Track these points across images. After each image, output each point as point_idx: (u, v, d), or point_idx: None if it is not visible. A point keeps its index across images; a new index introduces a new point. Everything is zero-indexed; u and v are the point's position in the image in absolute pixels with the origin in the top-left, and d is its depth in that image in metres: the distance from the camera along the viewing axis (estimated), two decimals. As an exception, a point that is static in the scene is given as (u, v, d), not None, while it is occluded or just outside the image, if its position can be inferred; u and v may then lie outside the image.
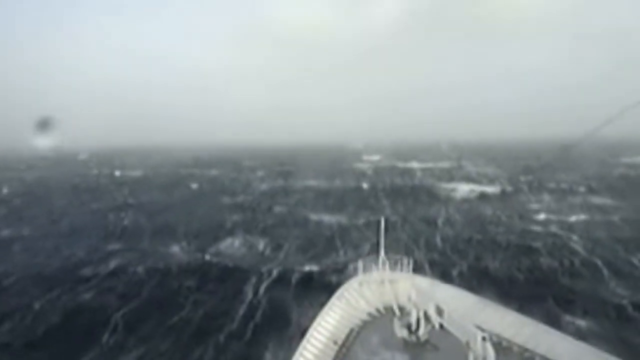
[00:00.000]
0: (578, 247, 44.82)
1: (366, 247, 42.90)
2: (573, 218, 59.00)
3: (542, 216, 60.79)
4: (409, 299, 14.50)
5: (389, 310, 15.74)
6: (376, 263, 17.13)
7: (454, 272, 37.50)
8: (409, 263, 17.12)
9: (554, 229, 53.42)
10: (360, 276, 17.03)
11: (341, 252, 43.80)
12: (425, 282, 16.45)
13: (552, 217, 60.21)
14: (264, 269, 38.02)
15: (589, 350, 12.64)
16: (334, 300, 15.85)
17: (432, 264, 38.97)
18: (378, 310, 15.84)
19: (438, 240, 48.40)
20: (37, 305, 31.80)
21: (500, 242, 46.56)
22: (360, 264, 17.21)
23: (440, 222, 57.15)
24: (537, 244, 45.85)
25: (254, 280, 35.80)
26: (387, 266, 17.09)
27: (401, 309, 15.21)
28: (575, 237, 48.65)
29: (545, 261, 40.74)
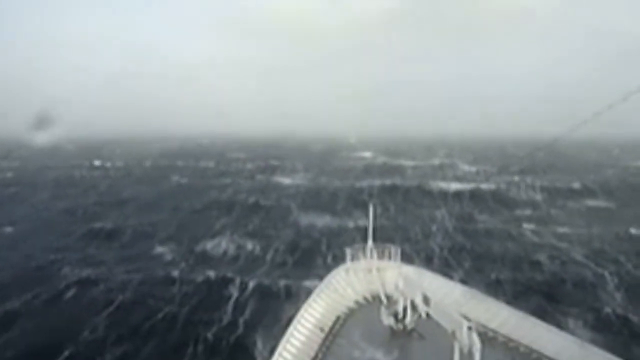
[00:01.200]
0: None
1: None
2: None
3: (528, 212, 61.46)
4: (396, 287, 14.34)
5: (376, 298, 15.70)
6: (364, 251, 17.07)
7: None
8: (396, 252, 16.98)
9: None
10: (348, 264, 16.95)
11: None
12: (412, 271, 16.50)
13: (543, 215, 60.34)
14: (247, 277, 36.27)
15: (573, 341, 12.78)
16: (322, 287, 15.75)
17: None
18: (365, 298, 15.89)
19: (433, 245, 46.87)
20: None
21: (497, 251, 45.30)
22: (348, 251, 17.09)
23: (434, 227, 55.42)
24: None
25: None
26: (375, 254, 17.03)
27: (388, 297, 15.17)
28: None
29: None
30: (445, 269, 37.48)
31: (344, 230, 53.05)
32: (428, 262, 40.02)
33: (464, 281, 34.82)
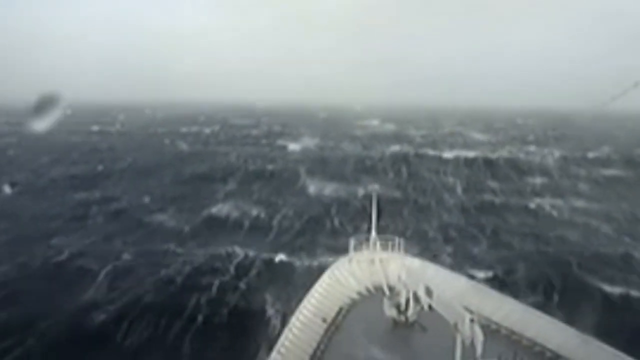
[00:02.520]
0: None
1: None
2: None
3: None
4: (399, 279, 14.34)
5: (379, 289, 15.65)
6: (367, 242, 17.12)
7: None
8: (400, 243, 17.01)
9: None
10: (351, 254, 16.93)
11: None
12: (415, 263, 16.48)
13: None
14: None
15: (576, 335, 12.73)
16: (324, 278, 15.72)
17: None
18: (368, 290, 15.88)
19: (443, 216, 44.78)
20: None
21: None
22: (351, 242, 17.07)
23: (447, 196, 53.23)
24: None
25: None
26: (378, 245, 17.06)
27: (391, 288, 15.00)
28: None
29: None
30: (463, 248, 36.01)
31: (353, 197, 51.00)
32: (445, 237, 38.41)
33: (482, 260, 33.31)
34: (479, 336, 10.06)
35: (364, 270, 16.72)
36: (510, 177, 65.97)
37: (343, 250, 18.45)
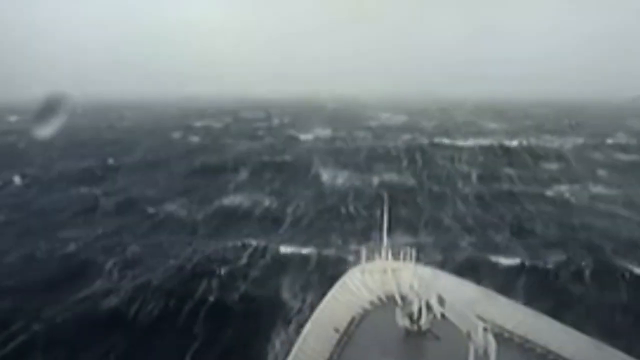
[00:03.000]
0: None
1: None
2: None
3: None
4: (411, 288, 14.44)
5: (391, 299, 15.80)
6: (379, 251, 17.22)
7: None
8: (411, 252, 17.11)
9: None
10: (362, 264, 17.07)
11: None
12: (427, 272, 16.57)
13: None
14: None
15: (590, 342, 12.68)
16: (336, 288, 15.92)
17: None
18: (380, 299, 16.00)
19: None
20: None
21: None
22: (363, 252, 17.18)
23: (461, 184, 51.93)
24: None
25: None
26: (389, 255, 17.17)
27: (403, 298, 15.08)
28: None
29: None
30: (485, 236, 34.86)
31: (367, 186, 49.87)
32: (464, 226, 37.28)
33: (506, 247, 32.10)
34: (492, 344, 10.01)
35: (375, 279, 16.80)
36: (527, 164, 64.63)
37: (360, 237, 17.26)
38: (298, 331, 13.93)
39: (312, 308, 15.06)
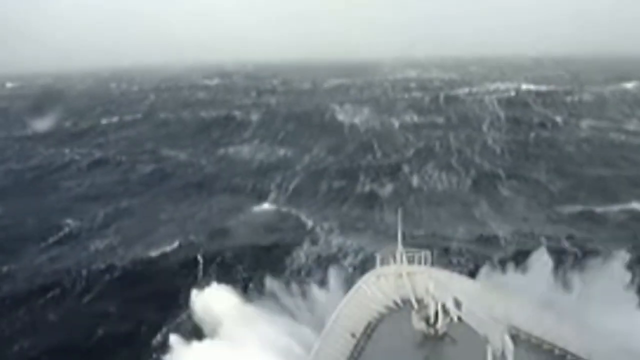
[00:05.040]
0: None
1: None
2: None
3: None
4: (427, 291, 14.48)
5: (407, 303, 15.85)
6: (394, 256, 17.04)
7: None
8: (427, 256, 16.95)
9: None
10: (377, 269, 17.16)
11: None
12: (443, 275, 16.55)
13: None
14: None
15: (611, 344, 12.40)
16: (352, 293, 16.07)
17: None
18: (396, 303, 16.10)
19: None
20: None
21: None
22: (378, 257, 17.21)
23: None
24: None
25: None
26: (404, 259, 17.00)
27: (419, 301, 15.14)
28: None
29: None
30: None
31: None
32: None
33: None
34: (510, 347, 9.81)
35: (391, 284, 16.75)
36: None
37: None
38: (315, 337, 13.98)
39: (329, 313, 14.98)
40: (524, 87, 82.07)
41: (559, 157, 40.47)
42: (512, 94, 75.57)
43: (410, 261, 17.11)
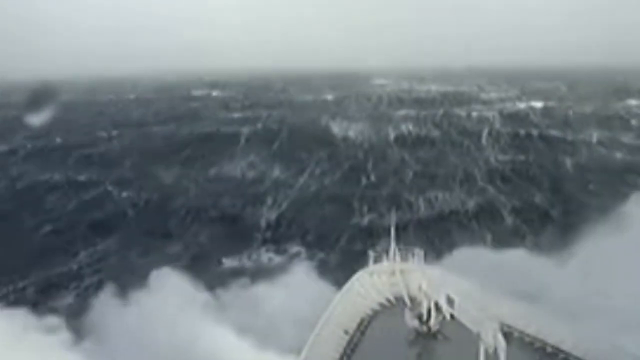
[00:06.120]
0: None
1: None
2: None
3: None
4: (420, 289, 15.03)
5: (400, 300, 15.86)
6: (387, 254, 17.33)
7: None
8: (419, 254, 17.10)
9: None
10: (370, 267, 17.40)
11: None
12: (436, 273, 16.65)
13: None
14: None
15: (603, 341, 12.41)
16: (345, 290, 16.06)
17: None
18: (389, 301, 16.14)
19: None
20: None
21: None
22: (371, 254, 17.30)
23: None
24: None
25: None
26: (397, 257, 17.26)
27: (412, 299, 15.38)
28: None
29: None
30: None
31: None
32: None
33: None
34: (502, 344, 9.94)
35: (384, 281, 16.96)
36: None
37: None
38: (308, 334, 13.48)
39: (322, 311, 14.81)
40: (522, 105, 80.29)
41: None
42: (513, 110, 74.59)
43: (403, 259, 17.26)
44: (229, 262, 26.34)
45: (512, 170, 40.94)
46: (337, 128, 61.83)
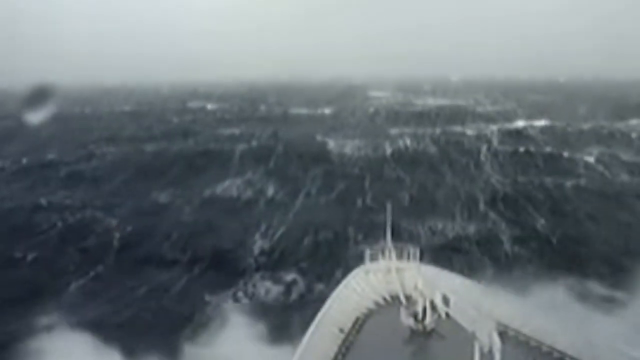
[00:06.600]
0: None
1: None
2: None
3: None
4: (415, 287, 14.71)
5: (395, 299, 15.84)
6: (382, 252, 17.14)
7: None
8: (415, 252, 16.87)
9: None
10: (366, 265, 17.19)
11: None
12: (432, 271, 16.58)
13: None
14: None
15: (598, 341, 12.53)
16: (340, 288, 16.04)
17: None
18: (384, 299, 16.07)
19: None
20: None
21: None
22: (366, 252, 17.11)
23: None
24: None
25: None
26: (393, 255, 17.08)
27: (407, 297, 15.27)
28: None
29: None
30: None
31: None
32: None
33: None
34: (497, 343, 9.94)
35: (379, 279, 16.86)
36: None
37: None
38: (303, 332, 13.45)
39: (317, 309, 14.78)
40: (521, 122, 79.01)
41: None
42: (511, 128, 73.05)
43: (399, 257, 17.19)
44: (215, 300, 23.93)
45: (513, 192, 39.86)
46: (332, 144, 60.61)
